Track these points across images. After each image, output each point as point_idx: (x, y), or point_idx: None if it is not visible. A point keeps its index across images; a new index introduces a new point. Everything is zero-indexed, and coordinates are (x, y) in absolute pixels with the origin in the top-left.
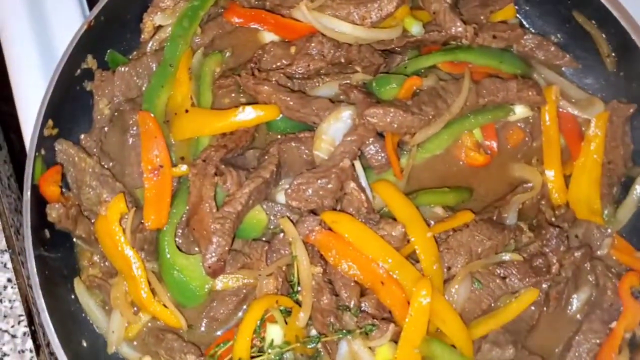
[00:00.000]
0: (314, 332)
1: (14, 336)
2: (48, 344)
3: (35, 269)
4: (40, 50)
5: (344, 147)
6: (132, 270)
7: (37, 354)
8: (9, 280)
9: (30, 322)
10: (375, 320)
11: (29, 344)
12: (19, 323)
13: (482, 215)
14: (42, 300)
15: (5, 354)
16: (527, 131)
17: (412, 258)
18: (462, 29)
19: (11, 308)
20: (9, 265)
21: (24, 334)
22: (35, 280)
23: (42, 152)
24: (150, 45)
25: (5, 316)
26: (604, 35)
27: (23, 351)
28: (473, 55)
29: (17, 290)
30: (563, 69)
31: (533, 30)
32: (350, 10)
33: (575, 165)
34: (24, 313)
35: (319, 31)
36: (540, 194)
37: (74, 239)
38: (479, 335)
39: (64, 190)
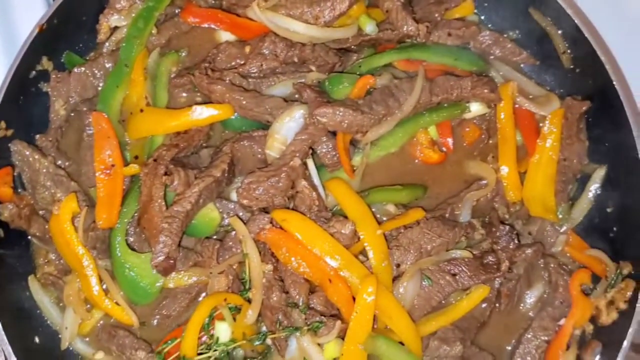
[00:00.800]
0: (265, 329)
1: None
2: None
3: None
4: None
5: (295, 146)
6: (84, 269)
7: None
8: None
9: None
10: (323, 317)
11: None
12: None
13: (435, 212)
14: None
15: None
16: (483, 128)
17: (363, 255)
18: (414, 28)
19: None
20: None
21: None
22: None
23: None
24: (106, 46)
25: None
26: (559, 32)
27: None
28: (427, 53)
29: None
30: (522, 65)
31: (490, 27)
32: (304, 10)
33: (531, 162)
34: None
35: (272, 31)
36: (495, 191)
37: (30, 238)
38: (429, 332)
39: (19, 190)
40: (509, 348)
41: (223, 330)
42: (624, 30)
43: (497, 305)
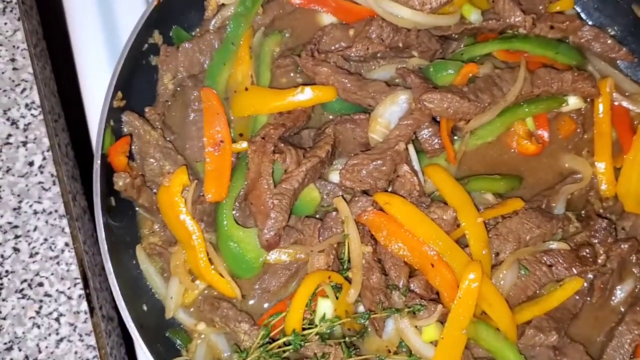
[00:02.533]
0: (361, 308)
1: (69, 297)
2: (101, 307)
3: (104, 235)
4: (103, 26)
5: (399, 130)
6: (192, 240)
7: (92, 315)
8: (67, 244)
9: (85, 285)
10: (423, 300)
11: (84, 305)
12: (75, 285)
13: (531, 203)
14: (110, 265)
15: (61, 314)
16: (579, 122)
17: (461, 243)
18: (521, 19)
19: (68, 271)
20: (67, 230)
21: (79, 296)
22: (104, 247)
23: (111, 123)
24: (213, 22)
25: (62, 278)
26: None
27: (78, 312)
28: (530, 44)
29: (73, 254)
30: (618, 62)
31: (590, 22)
32: None
33: (626, 159)
34: (79, 276)
35: (378, 15)
36: (589, 186)
37: (136, 208)
38: (523, 320)
39: (129, 161)
40: (598, 340)
41: (327, 307)
42: None
43: (589, 298)
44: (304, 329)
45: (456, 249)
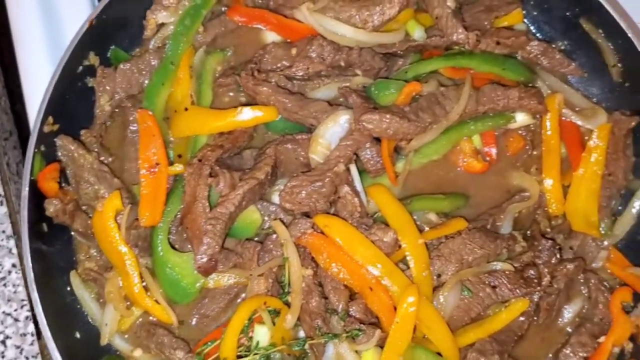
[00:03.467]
0: (302, 333)
1: (16, 320)
2: None
3: (30, 263)
4: (49, 45)
5: (340, 151)
6: (126, 266)
7: (39, 337)
8: (14, 265)
9: (32, 307)
10: (362, 325)
11: (31, 327)
12: (21, 307)
13: (476, 223)
14: (36, 294)
15: (7, 337)
16: (527, 139)
17: (404, 264)
18: (464, 36)
19: (15, 292)
20: (14, 250)
21: (26, 317)
22: (30, 274)
23: (42, 148)
24: (152, 42)
25: (8, 300)
26: (610, 45)
27: (25, 334)
28: (475, 61)
29: (20, 275)
30: (568, 77)
31: (539, 36)
32: (352, 13)
33: (575, 176)
34: (26, 298)
35: (319, 34)
36: (537, 204)
37: (72, 233)
38: (466, 343)
39: (63, 184)
40: None
41: (262, 334)
42: None
43: (535, 318)
44: (239, 357)
45: (396, 271)
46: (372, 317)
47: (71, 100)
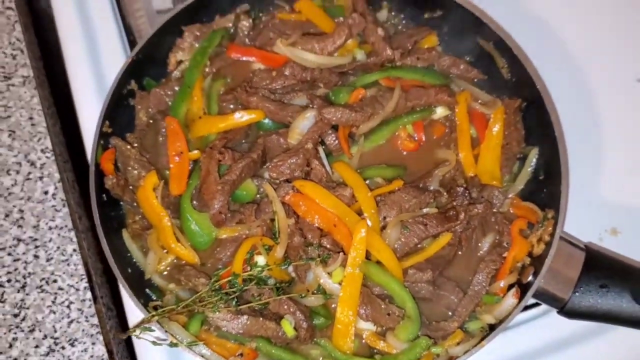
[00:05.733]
0: (290, 269)
1: (77, 289)
2: (102, 297)
3: (99, 221)
4: (94, 78)
5: (308, 135)
6: (162, 223)
7: (95, 302)
8: (74, 250)
9: (89, 280)
10: (331, 252)
11: (88, 294)
12: (81, 280)
13: (412, 184)
14: (105, 243)
15: (71, 302)
16: (447, 125)
17: (359, 214)
18: (390, 53)
19: (75, 269)
20: (74, 239)
21: (85, 287)
22: (100, 231)
23: (101, 142)
24: (174, 74)
25: (71, 275)
26: (498, 53)
27: (84, 300)
28: (402, 72)
29: (79, 257)
30: (474, 79)
31: (450, 53)
32: (314, 44)
33: (482, 147)
34: (84, 273)
35: (291, 60)
36: (455, 169)
37: (122, 202)
38: (408, 265)
39: (115, 169)
40: (470, 279)
41: (260, 261)
42: (546, 49)
43: (458, 248)
44: (244, 281)
45: (352, 213)
46: (338, 247)
47: (119, 113)
